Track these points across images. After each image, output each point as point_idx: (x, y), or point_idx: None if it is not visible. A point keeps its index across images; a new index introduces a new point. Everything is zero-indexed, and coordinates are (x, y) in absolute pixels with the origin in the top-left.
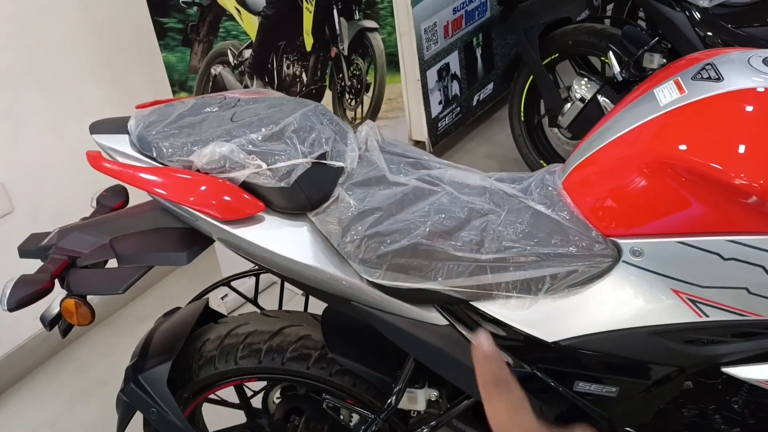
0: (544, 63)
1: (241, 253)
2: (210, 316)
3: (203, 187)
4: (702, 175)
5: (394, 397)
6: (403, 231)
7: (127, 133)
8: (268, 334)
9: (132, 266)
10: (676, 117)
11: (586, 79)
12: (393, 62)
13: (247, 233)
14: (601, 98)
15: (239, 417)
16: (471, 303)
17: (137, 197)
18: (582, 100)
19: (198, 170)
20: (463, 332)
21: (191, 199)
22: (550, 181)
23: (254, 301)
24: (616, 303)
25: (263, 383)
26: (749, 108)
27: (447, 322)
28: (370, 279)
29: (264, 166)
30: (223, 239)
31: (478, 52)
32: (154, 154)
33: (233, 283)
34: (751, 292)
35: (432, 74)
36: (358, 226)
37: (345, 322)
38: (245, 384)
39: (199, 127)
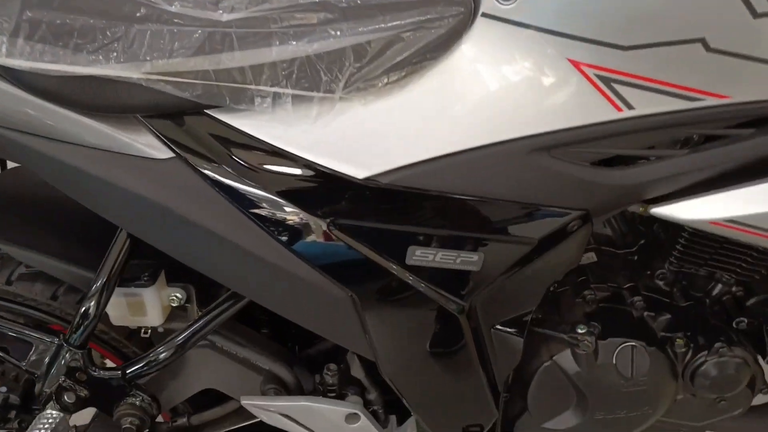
0: None
1: None
2: None
3: None
4: None
5: (91, 304)
6: None
7: None
8: None
9: None
10: None
11: None
12: None
13: None
14: None
15: None
16: (210, 113)
17: None
18: None
19: None
20: (205, 168)
21: None
22: None
23: None
24: (470, 99)
25: None
26: None
27: (171, 154)
28: None
29: None
30: None
31: None
32: None
33: None
34: (710, 46)
35: None
36: None
37: (27, 192)
38: None
39: None
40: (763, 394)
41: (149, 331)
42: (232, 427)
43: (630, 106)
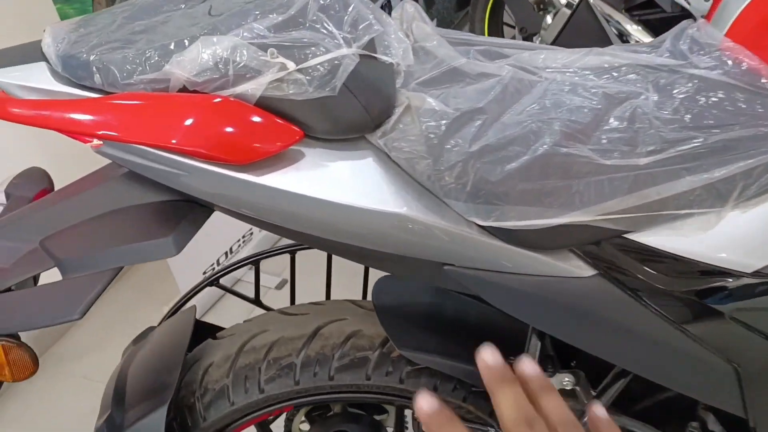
0: None
1: (260, 217)
2: (202, 331)
3: (193, 118)
4: None
5: None
6: (522, 139)
7: (44, 58)
8: (300, 339)
9: (87, 274)
10: None
11: None
12: None
13: (282, 180)
14: None
15: None
16: (626, 236)
17: (65, 178)
18: (569, 5)
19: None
20: (620, 278)
21: (174, 140)
22: (702, 35)
23: (257, 301)
24: None
25: None
26: None
27: (594, 272)
28: (485, 223)
29: (292, 65)
30: (235, 199)
31: None
32: (98, 80)
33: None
34: None
35: None
36: (456, 141)
37: (404, 303)
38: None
39: (163, 30)
40: None
41: None
42: None
43: None
